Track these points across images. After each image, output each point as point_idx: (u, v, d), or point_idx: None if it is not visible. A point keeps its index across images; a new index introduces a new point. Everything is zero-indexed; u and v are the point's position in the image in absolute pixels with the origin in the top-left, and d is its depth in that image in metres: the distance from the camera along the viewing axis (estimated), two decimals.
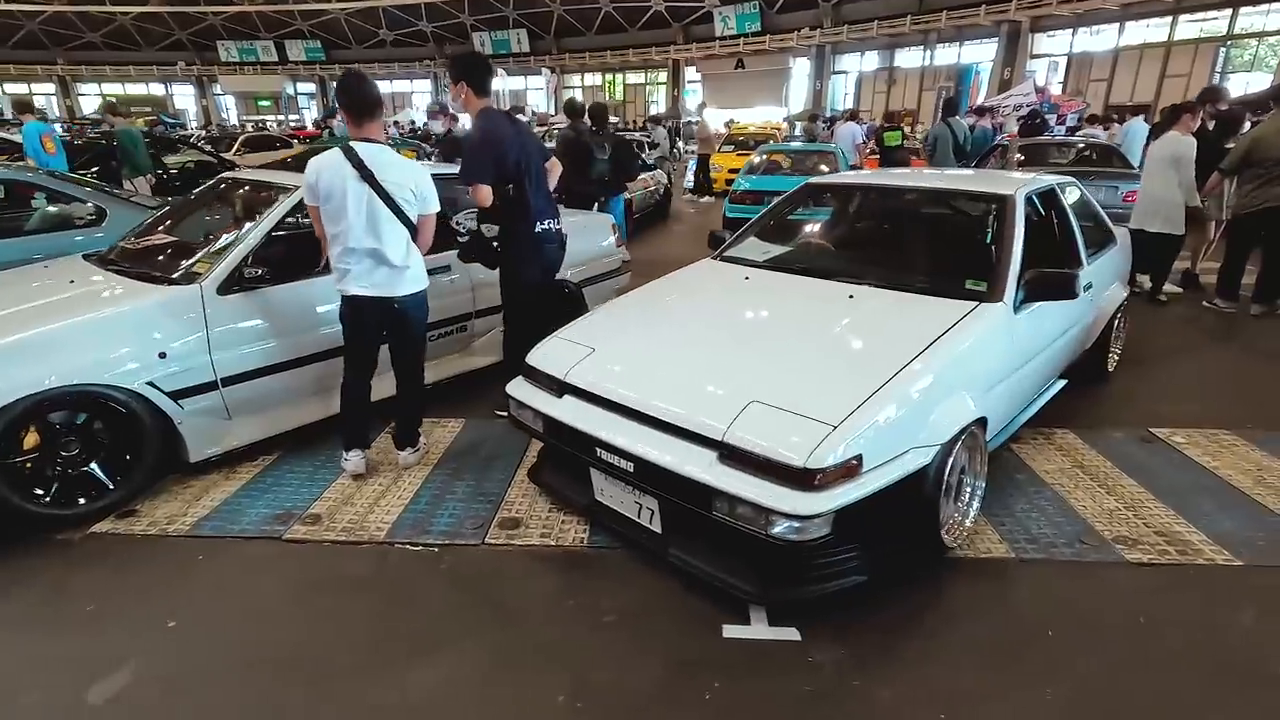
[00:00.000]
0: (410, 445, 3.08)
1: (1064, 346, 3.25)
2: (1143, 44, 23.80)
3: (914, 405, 2.17)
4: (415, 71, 41.33)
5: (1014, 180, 3.27)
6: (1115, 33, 24.21)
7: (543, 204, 3.26)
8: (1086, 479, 2.97)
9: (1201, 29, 22.45)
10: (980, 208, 3.11)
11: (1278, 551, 2.46)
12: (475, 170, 3.06)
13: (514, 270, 3.30)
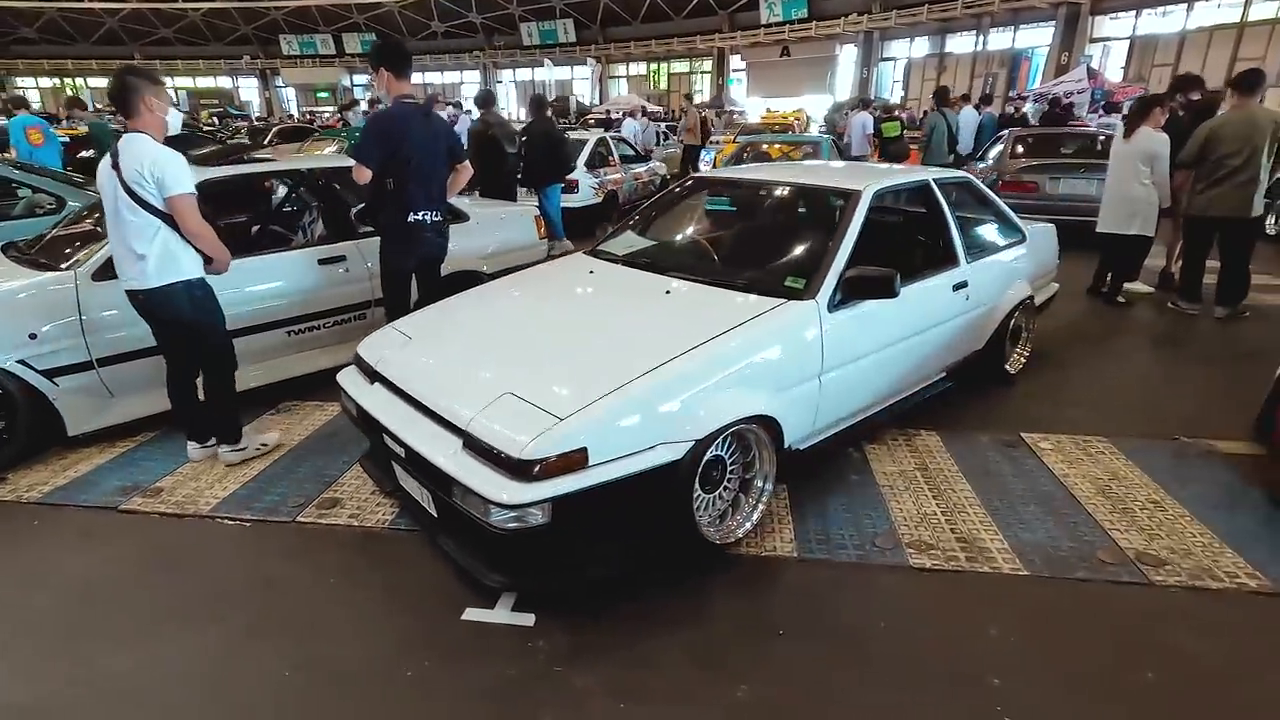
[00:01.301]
0: (227, 442, 3.05)
1: (927, 346, 3.17)
2: (1213, 26, 22.21)
3: (671, 400, 2.19)
4: (465, 63, 42.13)
5: (871, 176, 3.20)
6: (1183, 14, 22.67)
7: (421, 196, 3.37)
8: (923, 482, 2.91)
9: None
10: (826, 204, 3.06)
11: (1069, 565, 2.38)
12: (363, 152, 3.25)
13: (388, 256, 3.45)
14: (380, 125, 3.26)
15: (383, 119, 3.27)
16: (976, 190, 3.79)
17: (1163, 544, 2.49)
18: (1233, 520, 2.63)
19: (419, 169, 3.30)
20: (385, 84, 3.28)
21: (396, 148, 3.22)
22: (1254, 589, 2.27)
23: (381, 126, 3.25)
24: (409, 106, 3.32)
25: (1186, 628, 2.11)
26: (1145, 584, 2.30)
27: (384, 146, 3.21)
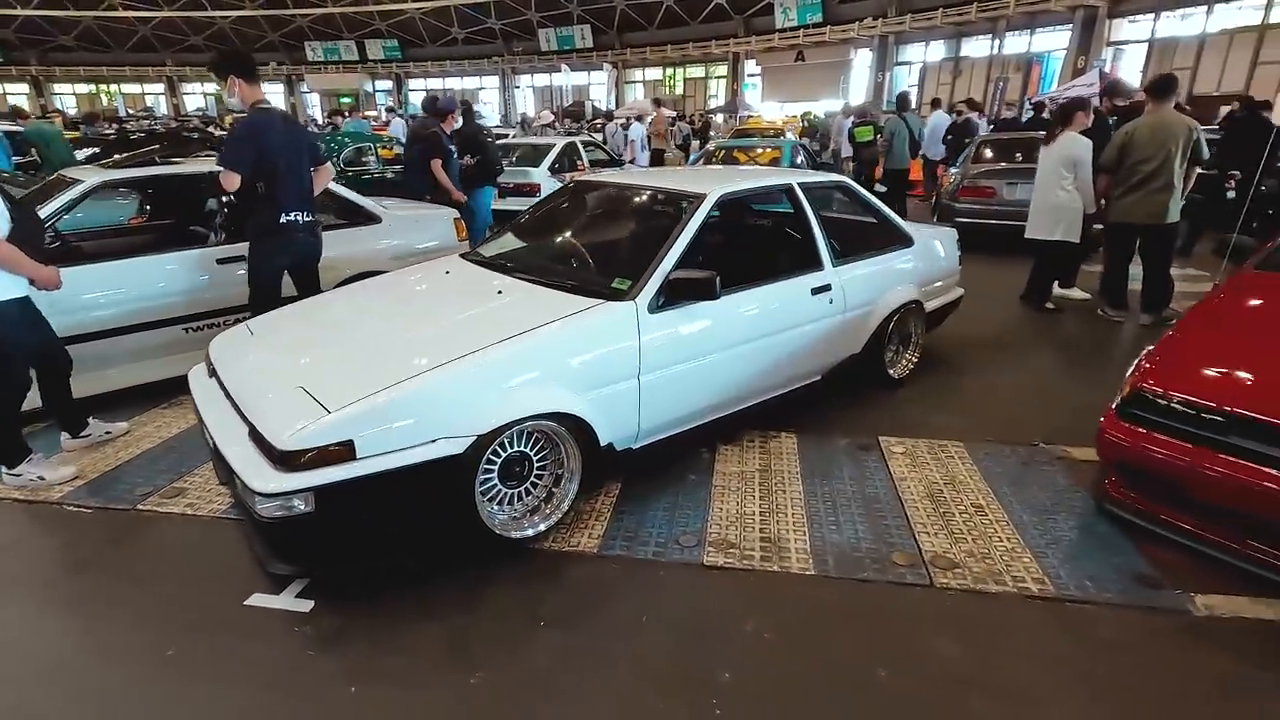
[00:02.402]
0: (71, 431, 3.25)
1: (782, 349, 3.19)
2: (1234, 28, 21.61)
3: (454, 395, 2.26)
4: (485, 69, 42.73)
5: (727, 180, 3.23)
6: (1203, 16, 22.11)
7: (292, 198, 3.50)
8: (758, 483, 2.93)
9: None
10: (673, 208, 3.10)
11: (859, 565, 2.39)
12: (234, 159, 3.33)
13: (259, 257, 3.57)
14: (246, 132, 3.37)
15: (247, 126, 3.37)
16: (855, 194, 3.79)
17: (965, 548, 2.49)
18: (1048, 526, 2.61)
19: (287, 171, 3.42)
20: (239, 91, 3.38)
21: (263, 152, 3.33)
22: (1034, 594, 2.26)
23: (247, 133, 3.36)
24: (269, 112, 3.44)
25: (944, 630, 2.11)
26: (927, 586, 2.30)
27: (251, 152, 3.32)
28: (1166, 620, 2.15)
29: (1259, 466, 2.17)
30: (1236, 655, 2.01)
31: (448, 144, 6.00)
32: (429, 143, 5.82)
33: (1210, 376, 2.40)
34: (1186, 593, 2.25)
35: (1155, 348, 2.63)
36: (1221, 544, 2.33)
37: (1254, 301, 2.86)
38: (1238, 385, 2.33)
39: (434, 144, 5.81)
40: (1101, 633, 2.10)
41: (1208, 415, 2.29)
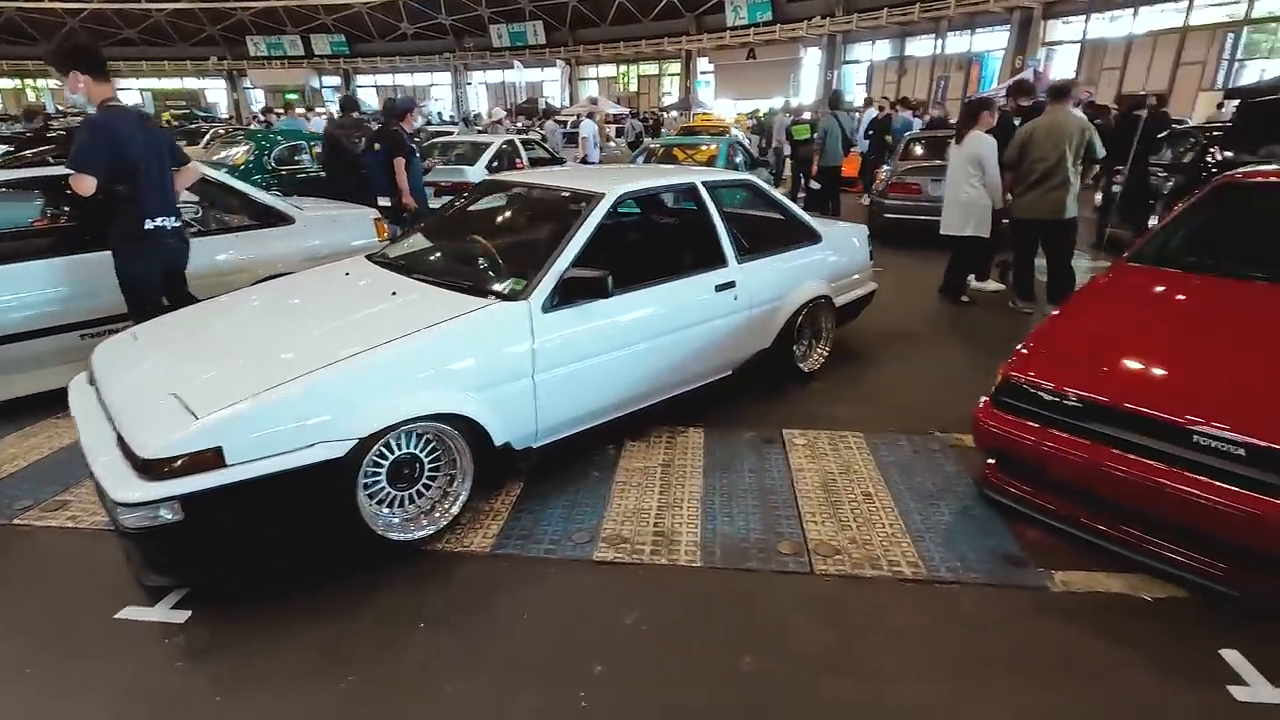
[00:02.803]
0: None
1: (686, 345, 3.24)
2: (1159, 30, 22.58)
3: (332, 399, 2.24)
4: (436, 65, 42.07)
5: (627, 179, 3.26)
6: (1130, 18, 23.06)
7: (156, 202, 3.28)
8: (659, 478, 2.97)
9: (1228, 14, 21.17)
10: (572, 207, 3.12)
11: (745, 556, 2.45)
12: (87, 161, 3.02)
13: (126, 266, 3.34)
14: (99, 131, 3.07)
15: (100, 125, 3.07)
16: (762, 192, 3.86)
17: (849, 535, 2.57)
18: (930, 511, 2.72)
19: (148, 174, 3.21)
20: (84, 89, 3.08)
21: (122, 154, 3.09)
22: (907, 577, 2.35)
23: (101, 133, 3.07)
24: (122, 111, 3.22)
25: (817, 614, 2.18)
26: (807, 573, 2.38)
27: (105, 153, 3.06)
28: (1025, 597, 2.26)
29: (1113, 450, 2.29)
30: (1086, 627, 2.12)
31: (409, 142, 5.91)
32: (391, 141, 5.71)
33: (1071, 365, 2.52)
34: (1048, 570, 2.36)
35: (1027, 338, 2.75)
36: (1086, 525, 2.45)
37: (1121, 293, 3.02)
38: (1096, 373, 2.44)
39: (396, 143, 5.71)
40: (964, 611, 2.20)
41: (1067, 402, 2.41)
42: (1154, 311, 2.81)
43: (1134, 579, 2.31)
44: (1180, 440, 2.17)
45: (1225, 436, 2.09)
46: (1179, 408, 2.21)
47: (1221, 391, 2.27)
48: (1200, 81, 21.36)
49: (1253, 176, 3.36)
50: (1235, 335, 2.56)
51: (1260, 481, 2.03)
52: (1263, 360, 2.35)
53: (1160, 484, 2.16)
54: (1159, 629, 2.11)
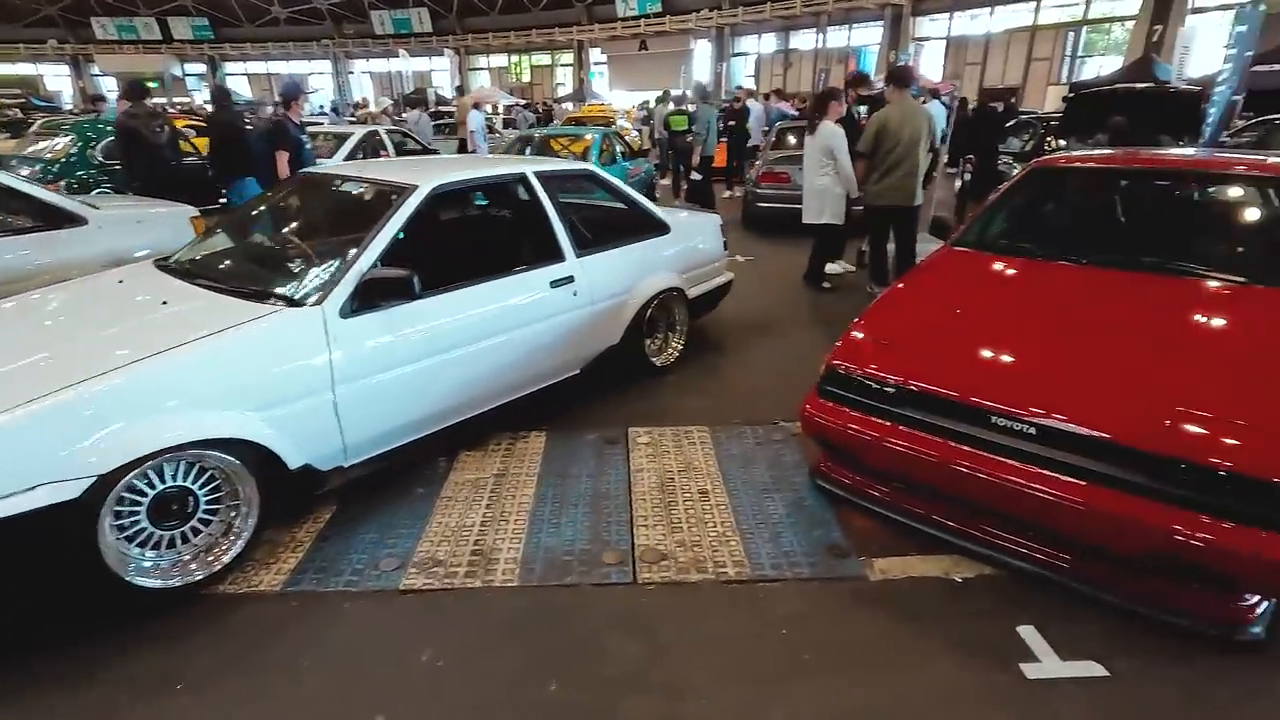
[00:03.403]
0: None
1: (522, 346, 3.05)
2: (1013, 29, 24.34)
3: (63, 429, 1.90)
4: (313, 52, 39.60)
5: (447, 170, 3.03)
6: (988, 17, 24.73)
7: None
8: (490, 490, 2.78)
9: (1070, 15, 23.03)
10: (383, 202, 2.86)
11: (567, 570, 2.31)
12: None
13: None
14: None
15: None
16: (604, 182, 3.72)
17: (679, 537, 2.48)
18: (764, 505, 2.67)
19: None
20: None
21: None
22: (731, 578, 2.28)
23: None
24: None
25: (633, 628, 2.07)
26: (629, 584, 2.26)
27: None
28: (845, 589, 2.24)
29: (925, 435, 2.30)
30: (897, 615, 2.12)
31: (297, 134, 5.39)
32: (275, 133, 5.21)
33: (888, 352, 2.52)
34: (869, 560, 2.36)
35: (850, 325, 2.74)
36: (910, 512, 2.46)
37: (940, 278, 3.09)
38: (910, 359, 2.45)
39: (280, 134, 5.22)
40: (783, 610, 2.14)
41: (884, 388, 2.40)
42: (969, 296, 2.88)
43: (948, 561, 2.34)
44: (981, 423, 2.20)
45: (1018, 417, 2.12)
46: (981, 391, 2.23)
47: (1022, 373, 2.32)
48: (1049, 76, 23.22)
49: (1063, 161, 3.53)
50: (1044, 317, 2.64)
51: (1050, 460, 2.07)
52: (1066, 342, 2.42)
53: (965, 468, 2.18)
54: (965, 611, 2.13)
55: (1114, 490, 1.95)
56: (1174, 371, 2.16)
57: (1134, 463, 1.94)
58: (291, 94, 5.56)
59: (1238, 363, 2.17)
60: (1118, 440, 1.97)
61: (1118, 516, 1.92)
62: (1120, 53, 21.28)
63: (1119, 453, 1.96)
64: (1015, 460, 2.11)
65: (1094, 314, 2.56)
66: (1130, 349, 2.30)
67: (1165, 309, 2.53)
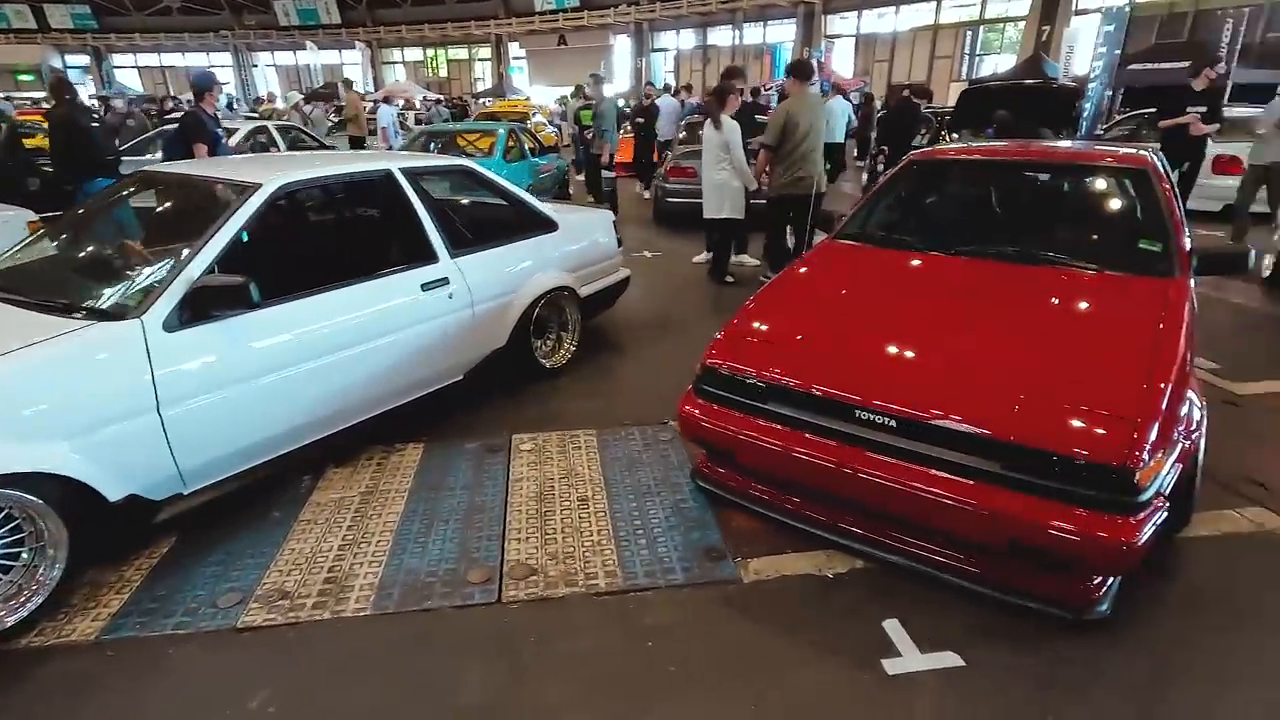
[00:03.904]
0: None
1: (390, 354, 2.86)
2: (918, 27, 25.32)
3: None
4: (212, 44, 37.32)
5: (288, 168, 2.80)
6: (894, 16, 25.64)
7: None
8: (354, 511, 2.59)
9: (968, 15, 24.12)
10: (220, 202, 2.63)
11: (428, 592, 2.16)
12: None
13: None
14: None
15: None
16: (483, 179, 3.56)
17: (552, 550, 2.37)
18: (645, 509, 2.60)
19: None
20: None
21: None
22: (602, 590, 2.19)
23: None
24: None
25: (492, 652, 1.95)
26: (493, 603, 2.13)
27: None
28: (717, 593, 2.18)
29: (795, 432, 2.26)
30: (766, 617, 2.08)
31: (213, 127, 5.03)
32: (190, 126, 4.86)
33: (762, 347, 2.48)
34: (744, 561, 2.31)
35: (726, 322, 2.70)
36: (785, 508, 2.43)
37: (819, 271, 3.09)
38: (782, 355, 2.41)
39: (196, 126, 4.85)
40: (651, 619, 2.07)
41: (754, 384, 2.36)
42: (841, 289, 2.87)
43: (822, 557, 2.32)
44: (846, 417, 2.18)
45: (879, 409, 2.11)
46: (845, 385, 2.21)
47: (884, 366, 2.31)
48: (951, 73, 24.29)
49: (936, 154, 3.61)
50: (909, 309, 2.65)
51: (910, 452, 2.07)
52: (927, 333, 2.44)
53: (831, 463, 2.15)
54: (833, 608, 2.11)
55: (966, 479, 1.96)
56: (1025, 360, 2.20)
57: (983, 450, 1.96)
58: (205, 85, 5.27)
59: (1086, 349, 2.23)
60: (969, 429, 1.97)
61: (969, 505, 1.93)
62: (1014, 51, 22.45)
63: (971, 441, 1.97)
64: (878, 453, 2.11)
65: (956, 305, 2.60)
66: (985, 338, 2.34)
67: (1021, 298, 2.58)
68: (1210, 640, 1.97)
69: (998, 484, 1.94)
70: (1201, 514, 2.51)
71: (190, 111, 5.04)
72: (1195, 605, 2.10)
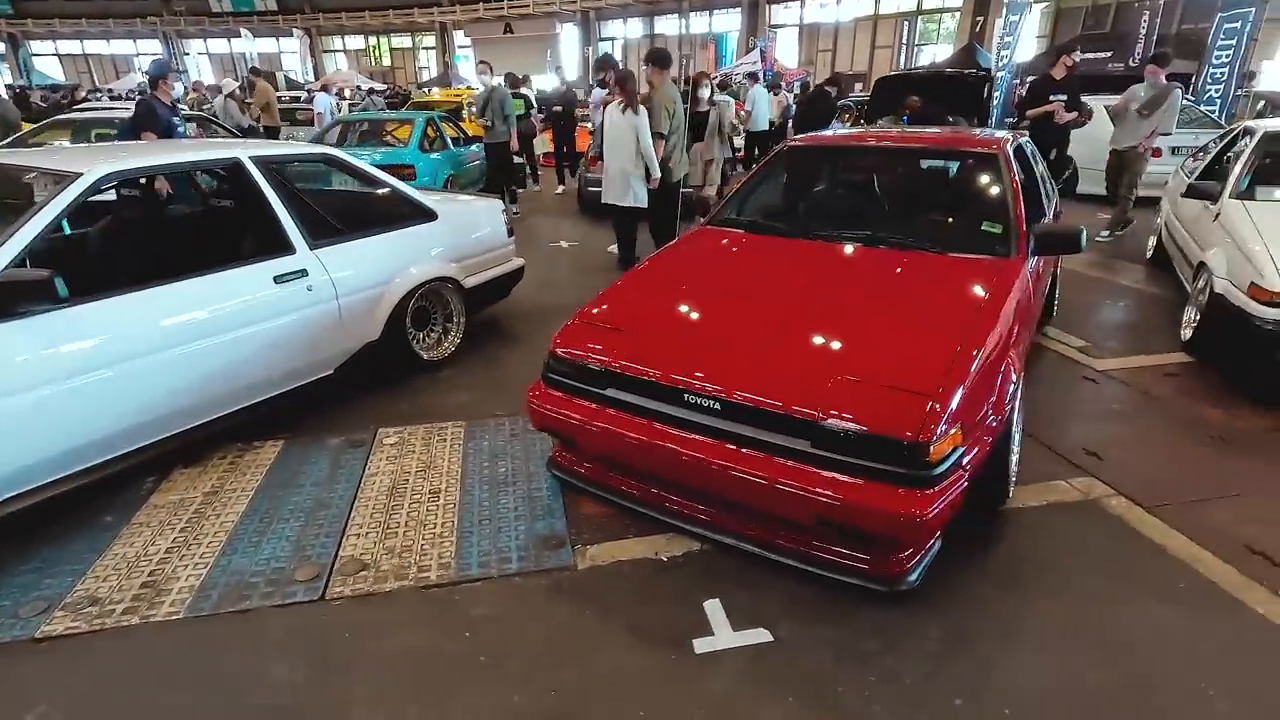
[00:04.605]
0: None
1: (238, 349, 2.76)
2: (860, 17, 25.67)
3: None
4: (139, 30, 35.68)
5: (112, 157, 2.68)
6: (835, 5, 25.94)
7: None
8: (192, 511, 2.51)
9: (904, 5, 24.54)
10: (39, 192, 2.51)
11: (249, 592, 2.10)
12: None
13: None
14: None
15: None
16: (350, 168, 3.47)
17: (391, 544, 2.33)
18: (496, 500, 2.58)
19: None
20: None
21: None
22: (432, 582, 2.16)
23: None
24: None
25: (302, 651, 1.90)
26: (317, 600, 2.09)
27: None
28: (546, 580, 2.17)
29: (630, 417, 2.26)
30: (593, 601, 2.08)
31: (167, 116, 4.95)
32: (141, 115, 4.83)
33: (609, 334, 2.46)
34: (583, 548, 2.31)
35: (577, 311, 2.68)
36: (628, 493, 2.43)
37: (681, 257, 3.10)
38: (627, 340, 2.40)
39: (147, 115, 4.80)
40: (477, 610, 2.05)
41: (595, 370, 2.35)
42: (695, 274, 2.89)
43: (662, 540, 2.33)
44: (677, 401, 2.19)
45: (704, 392, 2.13)
46: (677, 369, 2.22)
47: (714, 349, 2.31)
48: (891, 63, 24.71)
49: (809, 140, 3.65)
50: (751, 292, 2.66)
51: (732, 433, 2.09)
52: (762, 316, 2.46)
53: (665, 447, 2.16)
54: (661, 591, 2.12)
55: (779, 459, 1.99)
56: (847, 340, 2.24)
57: (794, 430, 1.98)
58: (159, 73, 5.23)
59: (906, 329, 2.28)
60: (778, 408, 2.00)
61: (778, 483, 1.96)
62: (951, 41, 22.95)
63: (782, 421, 2.00)
64: (702, 435, 2.12)
65: (799, 288, 2.63)
66: (816, 320, 2.38)
67: (862, 281, 2.64)
68: (1008, 606, 2.05)
69: (807, 462, 1.97)
70: (1034, 485, 2.62)
71: (142, 99, 5.03)
72: (1001, 573, 2.18)
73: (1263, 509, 2.48)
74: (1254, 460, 2.82)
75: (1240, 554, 2.24)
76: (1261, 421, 3.11)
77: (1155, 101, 5.84)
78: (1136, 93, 5.99)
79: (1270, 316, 3.09)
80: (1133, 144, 5.98)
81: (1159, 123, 5.89)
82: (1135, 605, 2.04)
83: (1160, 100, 5.83)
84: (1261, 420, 3.13)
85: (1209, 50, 9.24)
